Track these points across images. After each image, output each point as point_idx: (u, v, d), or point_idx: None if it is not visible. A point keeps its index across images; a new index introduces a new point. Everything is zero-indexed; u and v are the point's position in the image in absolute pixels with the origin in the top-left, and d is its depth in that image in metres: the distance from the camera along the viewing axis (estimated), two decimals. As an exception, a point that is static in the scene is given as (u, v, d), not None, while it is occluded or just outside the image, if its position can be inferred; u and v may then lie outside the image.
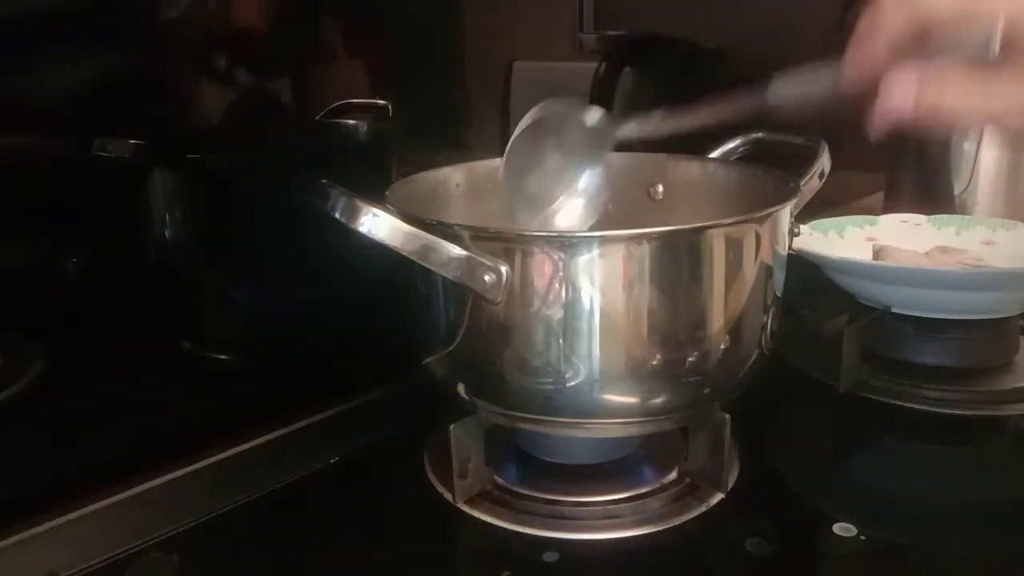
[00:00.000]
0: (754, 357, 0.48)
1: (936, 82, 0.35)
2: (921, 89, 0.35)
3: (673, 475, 0.51)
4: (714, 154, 0.60)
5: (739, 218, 0.45)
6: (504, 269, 0.42)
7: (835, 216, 0.77)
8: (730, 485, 0.50)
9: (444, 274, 0.42)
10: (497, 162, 0.58)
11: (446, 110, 0.80)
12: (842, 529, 0.46)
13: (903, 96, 0.35)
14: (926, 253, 0.73)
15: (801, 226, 0.57)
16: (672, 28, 1.00)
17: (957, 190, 0.89)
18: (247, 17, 0.71)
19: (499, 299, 0.42)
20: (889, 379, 0.63)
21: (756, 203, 0.47)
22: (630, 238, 0.43)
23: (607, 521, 0.48)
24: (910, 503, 0.51)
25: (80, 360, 0.64)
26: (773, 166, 0.54)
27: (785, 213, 0.48)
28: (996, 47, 0.34)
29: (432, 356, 0.48)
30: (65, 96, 0.62)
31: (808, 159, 0.52)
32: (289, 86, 0.75)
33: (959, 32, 0.34)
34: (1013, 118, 0.36)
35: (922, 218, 0.78)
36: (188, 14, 0.66)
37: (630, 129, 0.50)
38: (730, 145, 0.60)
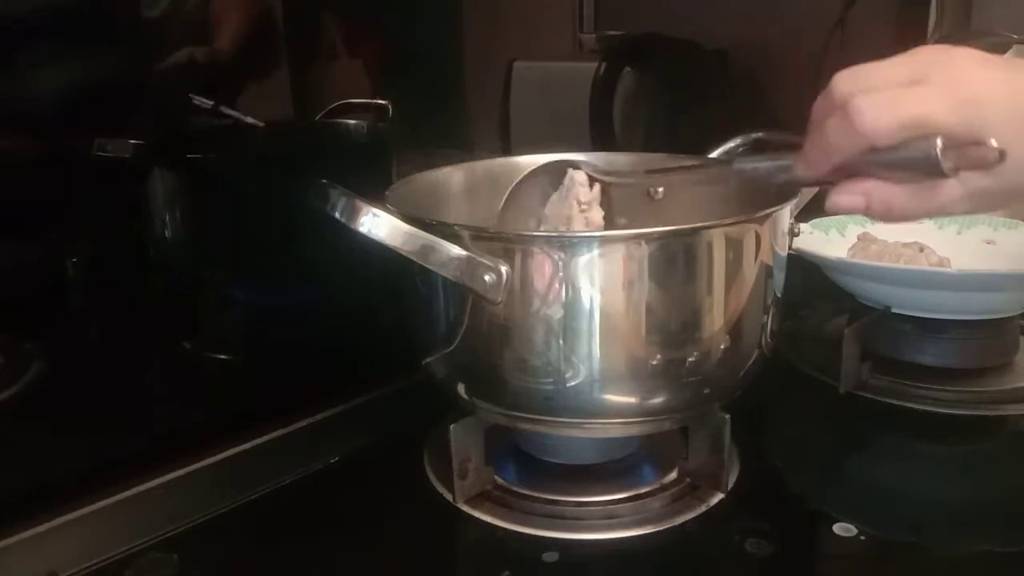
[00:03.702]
0: (754, 357, 0.48)
1: (882, 198, 0.40)
2: (869, 202, 0.40)
3: (673, 475, 0.51)
4: (714, 154, 0.60)
5: (739, 218, 0.45)
6: (504, 269, 0.42)
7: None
8: (730, 485, 0.50)
9: (444, 274, 0.42)
10: (497, 162, 0.58)
11: (446, 110, 0.80)
12: (842, 529, 0.46)
13: (853, 205, 0.40)
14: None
15: (801, 224, 0.57)
16: (672, 28, 1.00)
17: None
18: (248, 16, 0.71)
19: (499, 299, 0.42)
20: (889, 379, 0.63)
21: (756, 203, 0.47)
22: (630, 238, 0.43)
23: (607, 521, 0.48)
24: (910, 503, 0.51)
25: (80, 360, 0.64)
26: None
27: (785, 213, 0.48)
28: (941, 163, 0.37)
29: (432, 356, 0.48)
30: (66, 96, 0.62)
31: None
32: (289, 86, 0.75)
33: (901, 151, 0.38)
34: (951, 209, 0.40)
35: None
36: (188, 14, 0.66)
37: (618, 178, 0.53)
38: (730, 145, 0.60)
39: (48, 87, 0.61)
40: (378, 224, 0.41)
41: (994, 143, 0.36)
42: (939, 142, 0.36)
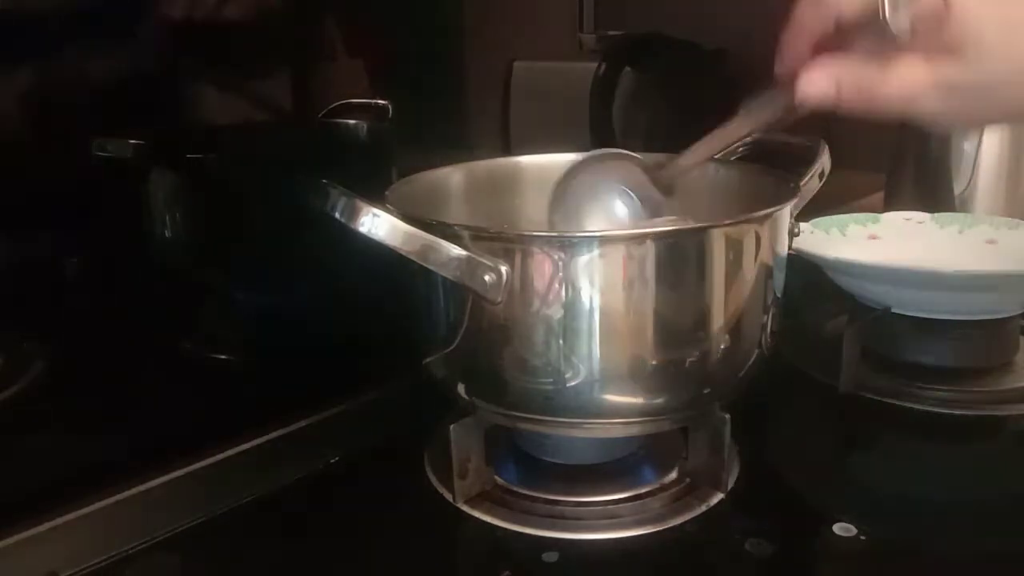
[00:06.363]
0: (754, 357, 0.48)
1: (851, 81, 0.39)
2: (840, 87, 0.39)
3: (673, 475, 0.51)
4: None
5: (739, 218, 0.45)
6: (504, 269, 0.42)
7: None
8: (730, 485, 0.50)
9: (444, 274, 0.42)
10: (497, 162, 0.58)
11: (446, 110, 0.80)
12: (842, 529, 0.46)
13: (824, 92, 0.39)
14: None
15: (802, 224, 0.57)
16: (672, 28, 1.00)
17: (957, 190, 0.89)
18: (248, 17, 0.71)
19: (499, 299, 0.42)
20: (889, 379, 0.63)
21: (756, 203, 0.47)
22: (630, 238, 0.43)
23: (607, 521, 0.48)
24: (910, 503, 0.51)
25: (80, 360, 0.63)
26: (773, 166, 0.54)
27: (785, 213, 0.48)
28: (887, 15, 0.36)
29: (432, 356, 0.48)
30: (66, 96, 0.62)
31: (808, 159, 0.52)
32: (289, 86, 0.75)
33: (862, 22, 0.37)
34: (922, 100, 0.39)
35: (925, 216, 0.78)
36: (188, 13, 0.66)
37: (672, 171, 0.52)
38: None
39: (49, 86, 0.61)
40: (378, 224, 0.41)
41: None
42: None
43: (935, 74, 0.38)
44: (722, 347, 0.45)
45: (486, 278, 0.42)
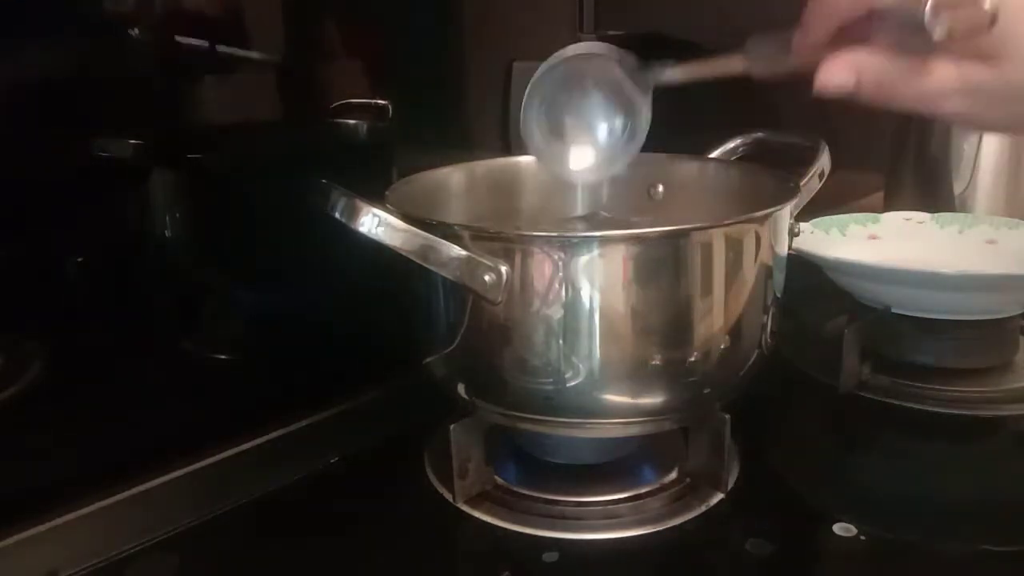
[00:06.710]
0: (754, 357, 0.48)
1: (873, 75, 0.37)
2: (860, 79, 0.37)
3: (673, 475, 0.51)
4: (714, 154, 0.60)
5: (739, 218, 0.45)
6: (504, 269, 0.42)
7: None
8: (730, 485, 0.50)
9: (444, 274, 0.42)
10: (497, 162, 0.58)
11: (446, 110, 0.80)
12: (842, 529, 0.46)
13: (843, 83, 0.37)
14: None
15: (802, 224, 0.57)
16: (672, 28, 1.00)
17: (957, 190, 0.89)
18: (248, 16, 0.71)
19: (499, 299, 0.42)
20: (889, 379, 0.63)
21: (756, 203, 0.47)
22: (630, 238, 0.43)
23: (607, 521, 0.48)
24: (910, 503, 0.51)
25: (80, 360, 0.63)
26: (773, 166, 0.54)
27: (785, 213, 0.48)
28: (929, 18, 0.35)
29: (432, 356, 0.48)
30: (65, 96, 0.62)
31: (808, 159, 0.52)
32: (289, 86, 0.75)
33: (897, 15, 0.36)
34: (945, 101, 0.37)
35: (925, 216, 0.78)
36: (188, 13, 0.66)
37: (654, 76, 0.50)
38: (730, 145, 0.60)
39: (47, 85, 0.61)
40: (378, 224, 0.41)
41: (987, 5, 0.34)
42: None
43: (963, 78, 0.37)
44: (722, 347, 0.45)
45: (486, 278, 0.42)
